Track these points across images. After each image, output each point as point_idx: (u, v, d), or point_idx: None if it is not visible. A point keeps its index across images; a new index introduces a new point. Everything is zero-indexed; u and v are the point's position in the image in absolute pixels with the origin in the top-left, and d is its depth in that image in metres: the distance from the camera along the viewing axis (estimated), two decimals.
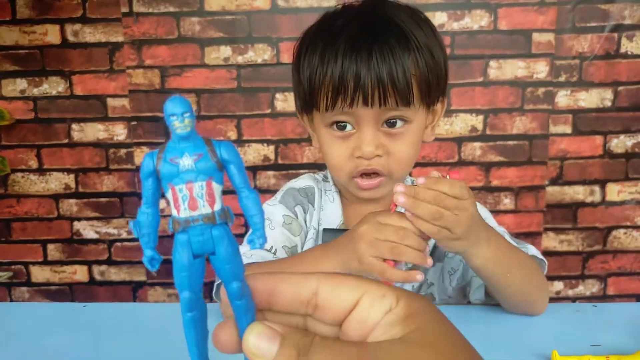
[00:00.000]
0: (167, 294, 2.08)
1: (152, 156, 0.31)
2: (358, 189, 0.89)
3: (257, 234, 0.30)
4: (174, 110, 0.29)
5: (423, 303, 0.30)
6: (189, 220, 0.30)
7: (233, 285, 0.30)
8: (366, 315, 0.30)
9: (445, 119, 1.91)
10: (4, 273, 2.05)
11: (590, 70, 1.88)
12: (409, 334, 0.28)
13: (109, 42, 1.90)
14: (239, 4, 1.85)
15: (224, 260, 0.30)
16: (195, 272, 0.31)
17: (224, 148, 0.30)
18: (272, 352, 0.28)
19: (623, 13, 1.85)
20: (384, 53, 0.79)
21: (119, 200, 2.01)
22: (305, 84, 0.86)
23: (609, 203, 1.98)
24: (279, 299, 0.32)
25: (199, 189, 0.30)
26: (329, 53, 0.82)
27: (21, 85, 1.94)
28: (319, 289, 0.31)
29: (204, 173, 0.30)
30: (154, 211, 0.32)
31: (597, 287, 2.04)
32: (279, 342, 0.28)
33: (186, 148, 0.30)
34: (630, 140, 1.93)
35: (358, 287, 0.31)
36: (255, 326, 0.29)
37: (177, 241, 0.31)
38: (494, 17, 1.85)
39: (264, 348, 0.28)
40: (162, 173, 0.30)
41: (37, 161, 2.00)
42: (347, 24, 0.84)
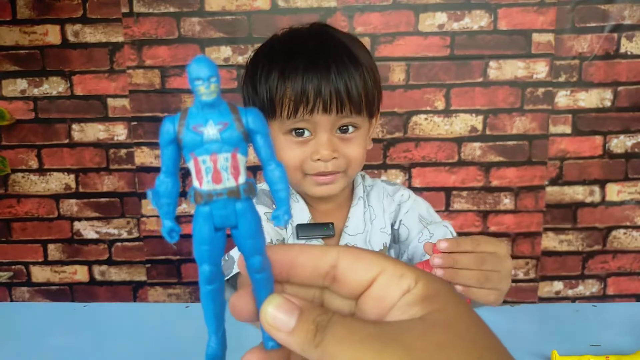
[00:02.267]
0: (167, 294, 2.08)
1: (173, 121, 0.28)
2: (314, 185, 0.97)
3: (283, 209, 0.30)
4: (199, 74, 0.27)
5: (442, 285, 0.30)
6: (212, 194, 0.29)
7: (254, 259, 0.30)
8: (383, 293, 0.30)
9: (445, 119, 1.91)
10: (5, 273, 2.06)
11: (590, 71, 1.88)
12: (429, 314, 0.28)
13: (109, 42, 1.90)
14: (239, 5, 1.85)
15: (247, 235, 0.29)
16: (216, 246, 0.30)
17: (251, 116, 0.28)
18: (290, 325, 0.28)
19: (623, 13, 1.85)
20: (340, 69, 0.90)
21: (119, 200, 2.01)
22: (264, 96, 0.94)
23: (609, 203, 1.98)
24: (298, 270, 0.32)
25: (224, 161, 0.28)
26: (289, 68, 0.91)
27: (21, 86, 1.94)
28: (338, 262, 0.31)
29: (230, 144, 0.28)
30: (173, 180, 0.30)
31: (597, 287, 2.04)
32: (297, 316, 0.28)
33: (211, 115, 0.28)
34: (629, 141, 1.93)
35: (377, 263, 0.31)
36: (274, 298, 0.29)
37: (198, 213, 0.29)
38: (494, 18, 1.85)
39: (282, 320, 0.28)
40: (185, 142, 0.28)
41: (37, 161, 2.00)
42: (304, 42, 0.96)
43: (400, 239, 1.09)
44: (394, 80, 1.88)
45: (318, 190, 0.98)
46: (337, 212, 1.07)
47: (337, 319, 0.28)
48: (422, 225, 1.04)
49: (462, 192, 1.96)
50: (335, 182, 0.97)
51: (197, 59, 0.27)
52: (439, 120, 1.92)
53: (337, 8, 1.85)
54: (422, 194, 1.93)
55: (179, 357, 0.75)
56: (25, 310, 0.97)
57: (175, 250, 2.02)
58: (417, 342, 0.26)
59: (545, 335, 0.83)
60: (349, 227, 1.06)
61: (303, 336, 0.28)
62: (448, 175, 1.95)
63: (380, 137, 1.90)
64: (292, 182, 1.00)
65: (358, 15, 1.85)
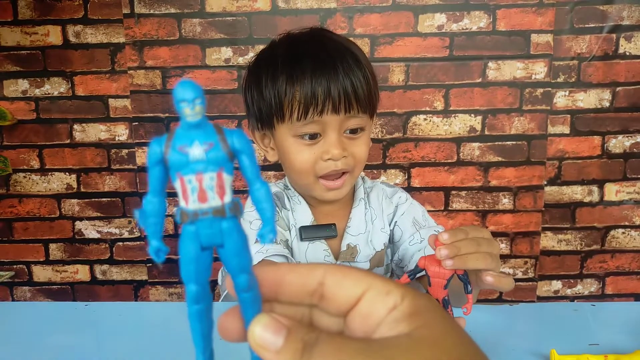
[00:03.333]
0: (168, 293, 2.09)
1: (159, 143, 0.29)
2: (324, 190, 0.99)
3: (268, 228, 0.30)
4: (185, 96, 0.27)
5: (428, 301, 0.30)
6: (197, 212, 0.29)
7: (241, 278, 0.30)
8: (370, 310, 0.30)
9: (444, 119, 1.92)
10: (6, 272, 2.06)
11: (589, 71, 1.89)
12: (415, 330, 0.28)
13: (110, 43, 1.90)
14: (239, 5, 1.86)
15: (233, 253, 0.29)
16: (203, 265, 0.30)
17: (236, 137, 0.29)
18: (277, 345, 0.28)
19: (621, 14, 1.86)
20: (346, 69, 0.93)
21: (120, 200, 2.02)
22: (272, 100, 0.95)
23: (607, 203, 1.98)
24: (285, 289, 0.32)
25: (209, 181, 0.29)
26: (297, 71, 0.93)
27: (23, 86, 1.95)
28: (325, 280, 0.31)
29: (215, 164, 0.28)
30: (160, 200, 0.31)
31: (596, 287, 2.05)
32: (285, 335, 0.28)
33: (196, 136, 0.28)
34: (628, 141, 1.94)
35: (364, 280, 0.31)
36: (261, 317, 0.29)
37: (184, 233, 0.30)
38: (493, 18, 1.86)
39: (269, 340, 0.28)
40: (171, 162, 0.29)
41: (39, 161, 2.00)
42: (306, 46, 0.98)
43: (394, 239, 1.11)
44: (394, 81, 1.89)
45: (328, 195, 1.00)
46: (339, 213, 1.09)
47: (324, 337, 0.28)
48: (414, 228, 1.06)
49: (461, 192, 1.97)
50: (343, 186, 1.00)
51: (182, 83, 0.27)
52: (438, 121, 1.92)
53: (337, 9, 1.85)
54: (421, 194, 1.95)
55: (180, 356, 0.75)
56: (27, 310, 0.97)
57: (159, 270, 2.04)
58: (402, 357, 0.26)
59: (544, 335, 0.84)
60: (350, 227, 1.07)
61: (290, 355, 0.28)
62: (447, 175, 1.96)
63: (379, 138, 1.91)
64: (302, 185, 1.03)
65: (358, 16, 1.86)
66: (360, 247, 1.07)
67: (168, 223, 2.01)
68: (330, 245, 1.06)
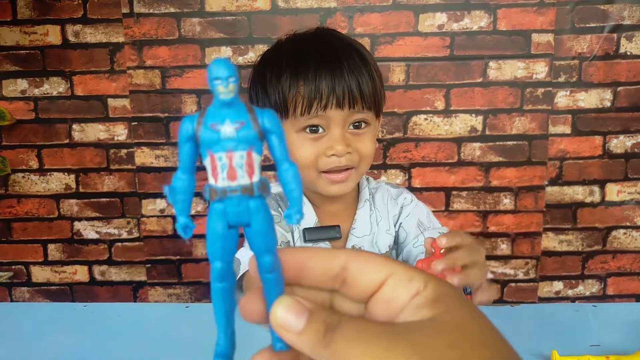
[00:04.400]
0: (167, 294, 2.08)
1: (192, 120, 0.30)
2: (328, 184, 0.98)
3: (295, 209, 0.30)
4: (219, 74, 0.28)
5: (450, 289, 0.30)
6: (226, 190, 0.30)
7: (265, 258, 0.30)
8: (392, 295, 0.30)
9: (445, 119, 1.91)
10: (5, 273, 2.06)
11: (590, 71, 1.88)
12: (438, 315, 0.28)
13: (109, 42, 1.90)
14: (239, 5, 1.85)
15: (259, 233, 0.30)
16: (229, 243, 0.30)
17: (267, 117, 0.30)
18: (299, 326, 0.28)
19: (622, 13, 1.85)
20: (351, 66, 0.93)
21: (119, 200, 2.01)
22: (276, 97, 0.95)
23: (609, 203, 1.98)
24: (308, 272, 0.32)
25: (239, 159, 0.29)
26: (301, 67, 0.93)
27: (22, 86, 1.94)
28: (348, 265, 0.32)
29: (245, 142, 0.29)
30: (189, 177, 0.31)
31: (597, 288, 2.04)
32: (307, 317, 0.28)
33: (228, 114, 0.29)
34: (629, 141, 1.93)
35: (386, 266, 0.31)
36: (284, 299, 0.29)
37: (212, 210, 0.30)
38: (494, 18, 1.85)
39: (291, 321, 0.29)
40: (202, 139, 0.29)
41: (37, 161, 2.00)
42: (312, 44, 0.99)
43: (399, 241, 1.10)
44: (394, 81, 1.88)
45: (332, 189, 0.99)
46: (343, 214, 1.08)
47: (347, 319, 0.28)
48: (419, 230, 1.06)
49: (461, 192, 1.97)
50: (348, 180, 0.99)
51: (217, 60, 0.28)
52: (439, 121, 1.92)
53: (337, 8, 1.85)
54: (422, 194, 1.95)
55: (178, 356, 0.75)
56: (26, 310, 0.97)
57: (188, 244, 2.02)
58: (425, 340, 0.27)
59: (545, 335, 0.84)
60: (355, 229, 1.07)
61: (313, 336, 0.28)
62: (448, 176, 1.95)
63: (380, 137, 1.90)
64: (306, 180, 1.01)
65: (358, 16, 1.86)
66: (365, 248, 1.06)
67: (167, 224, 2.00)
68: (335, 247, 1.05)
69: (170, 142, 1.95)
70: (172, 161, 1.96)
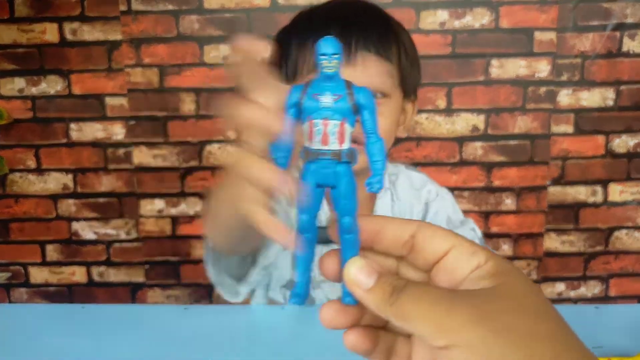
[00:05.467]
0: (166, 296, 2.07)
1: (298, 90, 0.34)
2: None
3: (377, 178, 0.33)
4: (325, 50, 0.32)
5: (511, 265, 0.32)
6: (318, 152, 0.33)
7: (346, 219, 0.34)
8: (455, 266, 0.33)
9: (446, 118, 1.91)
10: (3, 274, 2.05)
11: (592, 69, 1.88)
12: (498, 286, 0.30)
13: (107, 40, 1.89)
14: (238, 2, 1.85)
15: (343, 195, 0.34)
16: (315, 200, 0.34)
17: (362, 94, 0.33)
18: (368, 284, 0.32)
19: (625, 12, 1.85)
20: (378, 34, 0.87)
21: (117, 200, 2.00)
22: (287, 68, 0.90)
23: (611, 203, 1.97)
24: (382, 238, 0.35)
25: (333, 127, 0.33)
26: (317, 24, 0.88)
27: (19, 85, 1.94)
28: (417, 233, 0.34)
29: (340, 113, 0.33)
30: (290, 138, 0.35)
31: (599, 289, 2.03)
32: (376, 278, 0.32)
33: (328, 87, 0.33)
34: (632, 140, 1.93)
35: (451, 238, 0.34)
36: (358, 259, 0.33)
37: (305, 169, 0.34)
38: (496, 16, 1.85)
39: (362, 279, 0.32)
40: (304, 107, 0.34)
41: (35, 161, 1.99)
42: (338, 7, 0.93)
43: None
44: None
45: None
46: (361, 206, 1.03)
47: (412, 283, 0.31)
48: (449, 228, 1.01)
49: (463, 192, 1.96)
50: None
51: (326, 38, 0.32)
52: (441, 120, 1.91)
53: None
54: None
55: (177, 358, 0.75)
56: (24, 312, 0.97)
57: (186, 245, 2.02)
58: (485, 305, 0.29)
59: None
60: None
61: (380, 294, 0.31)
62: (449, 175, 1.94)
63: None
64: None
65: None
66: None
67: (165, 224, 1.99)
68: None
69: (169, 142, 1.94)
70: (170, 161, 1.95)
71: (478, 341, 0.28)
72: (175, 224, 2.01)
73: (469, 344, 0.28)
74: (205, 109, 1.91)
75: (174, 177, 1.97)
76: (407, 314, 0.30)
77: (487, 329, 0.28)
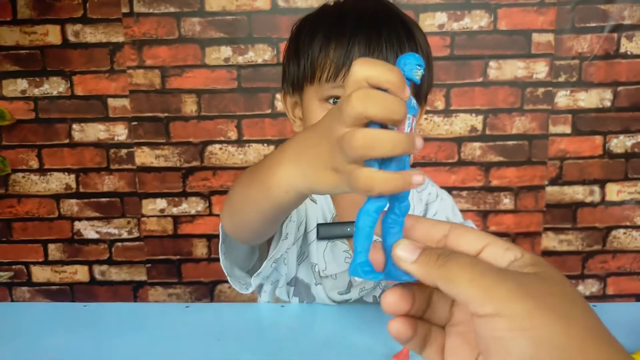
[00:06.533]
0: (167, 294, 2.08)
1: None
2: None
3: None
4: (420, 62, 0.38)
5: (544, 259, 0.34)
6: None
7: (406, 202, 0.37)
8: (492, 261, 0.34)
9: (445, 119, 1.92)
10: (5, 273, 2.06)
11: (590, 71, 1.89)
12: (540, 272, 0.32)
13: (109, 42, 1.90)
14: (239, 5, 1.86)
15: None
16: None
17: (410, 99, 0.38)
18: (413, 257, 0.34)
19: (623, 13, 1.86)
20: (392, 38, 0.83)
21: (119, 200, 2.01)
22: (305, 60, 0.87)
23: (609, 203, 1.98)
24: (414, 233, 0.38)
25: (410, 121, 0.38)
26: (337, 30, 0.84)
27: (22, 86, 1.95)
28: (450, 233, 0.37)
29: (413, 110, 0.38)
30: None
31: (597, 287, 2.04)
32: (420, 252, 0.34)
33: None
34: (629, 140, 1.94)
35: (485, 237, 0.36)
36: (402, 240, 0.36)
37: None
38: (494, 18, 1.85)
39: (407, 254, 0.34)
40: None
41: (37, 161, 2.00)
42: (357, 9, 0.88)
43: None
44: None
45: None
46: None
47: (459, 253, 0.33)
48: None
49: (462, 192, 1.97)
50: None
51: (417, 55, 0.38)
52: (439, 120, 1.92)
53: None
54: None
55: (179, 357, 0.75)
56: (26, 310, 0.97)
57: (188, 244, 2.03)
58: (530, 284, 0.31)
59: None
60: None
61: (426, 262, 0.33)
62: (448, 175, 1.95)
63: None
64: None
65: None
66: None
67: (167, 223, 2.00)
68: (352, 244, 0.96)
69: (170, 142, 1.95)
70: (172, 161, 1.96)
71: (524, 313, 0.29)
72: (177, 223, 2.02)
73: (514, 314, 0.29)
74: (206, 109, 1.92)
75: (175, 177, 1.98)
76: (455, 277, 0.31)
77: (532, 304, 0.29)
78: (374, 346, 0.75)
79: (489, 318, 0.30)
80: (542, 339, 0.29)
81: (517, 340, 0.29)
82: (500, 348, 0.30)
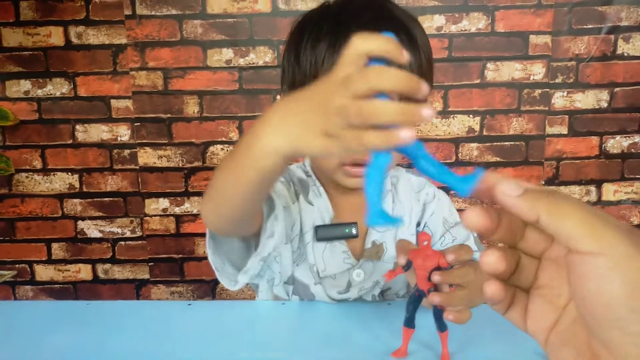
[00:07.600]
0: (170, 292, 2.10)
1: None
2: (346, 177, 0.88)
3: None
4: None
5: None
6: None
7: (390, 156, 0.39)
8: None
9: (442, 120, 1.93)
10: (9, 272, 2.07)
11: (587, 72, 1.90)
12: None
13: (112, 44, 1.92)
14: (240, 7, 1.87)
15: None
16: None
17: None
18: (519, 192, 0.34)
19: (619, 15, 1.87)
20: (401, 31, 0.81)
21: (122, 199, 2.03)
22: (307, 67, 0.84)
23: (605, 203, 1.99)
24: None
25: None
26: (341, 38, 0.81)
27: (25, 87, 1.96)
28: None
29: None
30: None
31: None
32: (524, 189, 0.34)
33: None
34: (626, 141, 1.95)
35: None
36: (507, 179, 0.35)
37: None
38: (491, 20, 1.87)
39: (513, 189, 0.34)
40: None
41: (41, 161, 2.02)
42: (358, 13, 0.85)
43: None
44: None
45: (350, 181, 0.88)
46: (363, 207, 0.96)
47: (562, 193, 0.34)
48: (444, 228, 1.00)
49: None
50: None
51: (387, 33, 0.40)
52: (437, 121, 1.93)
53: None
54: None
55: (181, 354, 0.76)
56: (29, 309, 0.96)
57: (190, 243, 2.04)
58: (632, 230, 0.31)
59: None
60: None
61: (531, 195, 0.33)
62: None
63: None
64: (323, 168, 0.93)
65: None
66: (388, 245, 0.97)
67: (169, 222, 2.02)
68: (353, 244, 0.97)
69: (173, 143, 1.97)
70: (174, 161, 1.98)
71: (626, 255, 0.30)
72: (179, 223, 2.04)
73: (617, 254, 0.30)
74: (208, 111, 1.94)
75: (178, 177, 2.00)
76: (561, 211, 0.32)
77: (634, 250, 0.30)
78: (373, 344, 0.75)
79: (591, 256, 0.30)
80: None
81: (615, 281, 0.30)
82: (596, 286, 0.31)
